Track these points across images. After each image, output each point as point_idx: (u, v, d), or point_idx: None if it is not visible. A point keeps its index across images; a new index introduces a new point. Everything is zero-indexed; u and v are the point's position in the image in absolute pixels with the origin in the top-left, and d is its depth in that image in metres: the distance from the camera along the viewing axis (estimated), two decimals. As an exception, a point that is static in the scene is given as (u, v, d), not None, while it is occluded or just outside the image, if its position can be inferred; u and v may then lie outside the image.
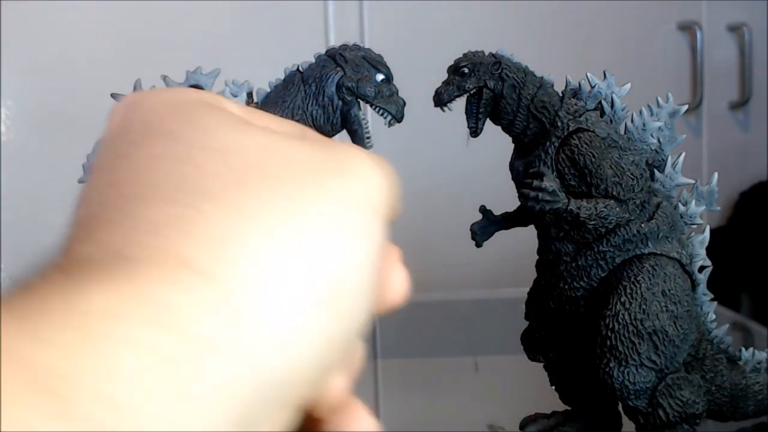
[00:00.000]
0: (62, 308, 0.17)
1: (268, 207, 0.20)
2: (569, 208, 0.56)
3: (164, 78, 0.58)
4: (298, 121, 0.58)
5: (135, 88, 0.58)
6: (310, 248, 0.20)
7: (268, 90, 0.59)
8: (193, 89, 0.24)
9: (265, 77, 0.60)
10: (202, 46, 1.31)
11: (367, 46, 0.60)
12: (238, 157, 0.21)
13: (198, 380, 0.17)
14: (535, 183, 0.56)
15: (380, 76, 0.58)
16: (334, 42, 1.38)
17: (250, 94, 0.60)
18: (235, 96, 0.58)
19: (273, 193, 0.20)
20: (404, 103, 0.59)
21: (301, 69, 0.59)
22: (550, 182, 0.56)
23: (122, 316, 0.17)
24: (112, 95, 0.59)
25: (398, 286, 0.24)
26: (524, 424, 0.64)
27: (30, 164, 1.31)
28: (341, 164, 0.22)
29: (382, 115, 0.59)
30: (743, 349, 0.64)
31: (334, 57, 0.58)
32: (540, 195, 0.56)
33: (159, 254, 0.18)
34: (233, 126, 0.22)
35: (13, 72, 1.30)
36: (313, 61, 0.59)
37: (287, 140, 0.22)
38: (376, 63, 0.59)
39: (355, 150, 0.23)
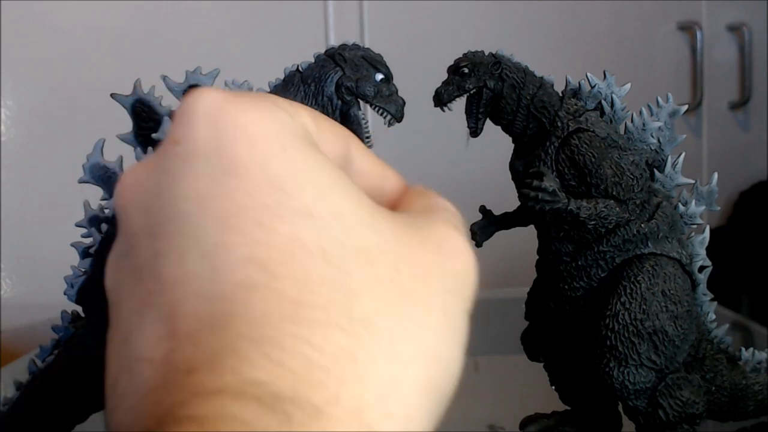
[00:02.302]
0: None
1: (409, 333, 0.18)
2: (569, 208, 0.56)
3: (164, 78, 0.58)
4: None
5: (135, 89, 0.58)
6: (433, 355, 0.19)
7: (268, 90, 0.59)
8: (274, 104, 0.20)
9: (265, 77, 0.60)
10: (202, 46, 1.31)
11: (366, 46, 0.60)
12: (381, 263, 0.19)
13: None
14: (535, 183, 0.56)
15: (380, 76, 0.58)
16: (334, 42, 1.38)
17: (250, 94, 0.60)
18: (235, 96, 0.58)
19: (404, 310, 0.19)
20: (404, 103, 0.59)
21: (300, 69, 0.59)
22: (550, 182, 0.56)
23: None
24: (112, 95, 0.59)
25: None
26: (524, 424, 0.64)
27: (30, 164, 1.31)
28: (453, 269, 0.21)
29: (381, 114, 0.59)
30: (743, 349, 0.64)
31: (334, 57, 0.58)
32: (540, 195, 0.56)
33: (342, 409, 0.17)
34: (367, 216, 0.19)
35: (13, 72, 1.30)
36: (313, 61, 0.59)
37: (409, 235, 0.20)
38: (375, 62, 0.59)
39: (448, 226, 0.22)
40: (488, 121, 0.62)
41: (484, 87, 0.60)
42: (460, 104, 0.61)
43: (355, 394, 0.17)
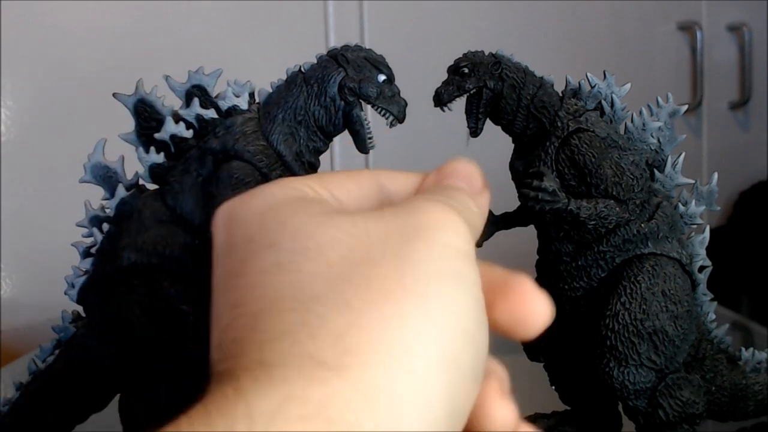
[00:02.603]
0: (233, 414, 0.20)
1: (370, 293, 0.22)
2: (569, 208, 0.57)
3: (166, 78, 0.58)
4: (300, 121, 0.59)
5: (137, 88, 0.58)
6: (419, 316, 0.22)
7: (270, 90, 0.59)
8: (279, 183, 0.26)
9: (266, 77, 0.60)
10: (204, 46, 1.31)
11: (367, 47, 0.60)
12: (332, 252, 0.23)
13: None
14: (535, 183, 0.56)
15: (382, 77, 0.58)
16: (335, 42, 1.38)
17: (252, 95, 0.60)
18: (238, 96, 0.58)
19: (370, 278, 0.22)
20: (406, 104, 0.59)
21: (303, 70, 0.59)
22: (550, 182, 0.56)
23: (281, 415, 0.20)
24: (115, 95, 0.59)
25: (541, 310, 0.25)
26: (524, 424, 0.64)
27: (30, 164, 1.31)
28: (418, 221, 0.24)
29: (383, 115, 0.59)
30: (743, 349, 0.64)
31: (336, 58, 0.58)
32: (540, 195, 0.56)
33: (294, 358, 0.21)
34: (319, 221, 0.24)
35: (13, 72, 1.30)
36: (315, 61, 0.59)
37: (366, 218, 0.24)
38: (377, 64, 0.59)
39: (427, 201, 0.25)
40: (488, 121, 0.62)
41: (484, 87, 0.60)
42: (460, 104, 0.61)
43: (305, 346, 0.21)
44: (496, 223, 0.63)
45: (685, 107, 0.62)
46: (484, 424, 0.25)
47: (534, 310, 0.25)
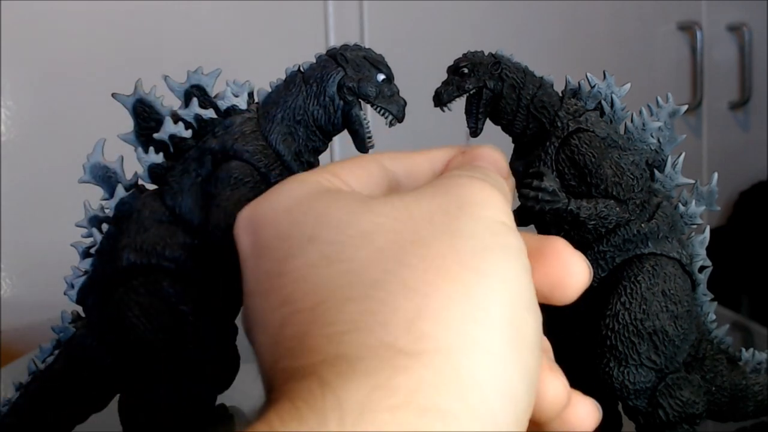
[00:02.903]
0: (322, 408, 0.19)
1: (430, 274, 0.22)
2: (569, 208, 0.57)
3: (165, 78, 0.58)
4: (299, 121, 0.59)
5: (136, 88, 0.58)
6: (481, 292, 0.22)
7: (269, 90, 0.59)
8: (293, 179, 0.26)
9: (266, 77, 0.60)
10: (203, 46, 1.31)
11: (367, 46, 0.60)
12: (377, 236, 0.23)
13: None
14: (535, 183, 0.56)
15: (381, 76, 0.58)
16: (334, 42, 1.38)
17: (251, 95, 0.60)
18: (237, 96, 0.58)
19: (426, 258, 0.22)
20: (405, 103, 0.59)
21: (302, 69, 0.59)
22: (550, 182, 0.56)
23: (371, 406, 0.19)
24: (113, 95, 0.59)
25: (579, 271, 0.26)
26: (524, 424, 0.65)
27: (30, 164, 1.31)
28: (458, 197, 0.24)
29: (383, 115, 0.59)
30: (743, 349, 0.64)
31: (335, 57, 0.58)
32: (540, 195, 0.56)
33: (372, 349, 0.21)
34: (356, 209, 0.24)
35: (13, 72, 1.30)
36: (314, 61, 0.59)
37: (404, 199, 0.24)
38: (377, 63, 0.59)
39: (463, 178, 0.26)
40: (487, 122, 0.62)
41: (484, 87, 0.60)
42: (459, 104, 0.61)
43: (379, 335, 0.21)
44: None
45: (685, 107, 0.62)
46: (537, 401, 0.25)
47: (571, 271, 0.26)
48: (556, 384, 0.26)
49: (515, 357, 0.22)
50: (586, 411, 0.28)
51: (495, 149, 0.30)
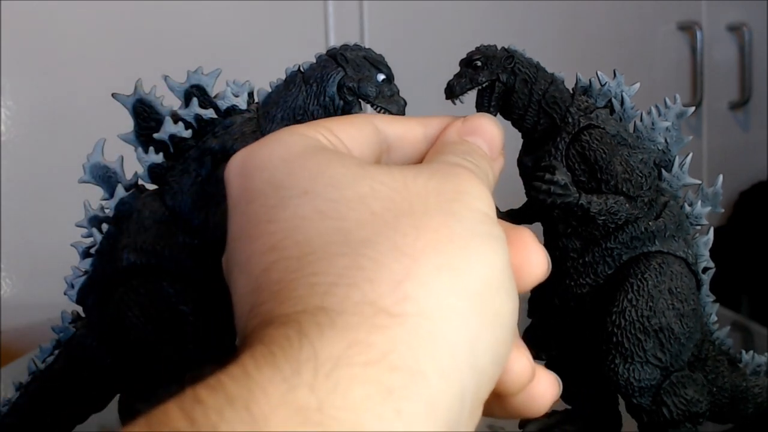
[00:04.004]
0: (297, 358, 0.20)
1: (421, 242, 0.23)
2: (580, 202, 0.57)
3: (165, 78, 0.58)
4: (299, 121, 0.58)
5: (136, 88, 0.58)
6: (466, 268, 0.23)
7: (269, 90, 0.59)
8: (290, 131, 0.27)
9: (266, 77, 0.60)
10: (203, 46, 1.31)
11: (367, 46, 0.60)
12: (373, 201, 0.24)
13: (410, 399, 0.20)
14: (547, 176, 0.56)
15: (381, 77, 0.58)
16: (334, 42, 1.38)
17: (251, 95, 0.60)
18: (237, 96, 0.58)
19: (419, 228, 0.23)
20: (405, 103, 0.59)
21: (302, 69, 0.59)
22: (562, 176, 0.56)
23: (346, 361, 0.20)
24: (114, 95, 0.59)
25: (538, 262, 0.27)
26: (524, 423, 0.64)
27: (30, 164, 1.31)
28: (454, 186, 0.25)
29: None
30: (743, 351, 0.64)
31: (336, 57, 0.58)
32: (552, 188, 0.56)
33: (355, 304, 0.21)
34: (355, 172, 0.25)
35: (13, 72, 1.30)
36: (314, 61, 0.59)
37: (404, 173, 0.25)
38: (377, 63, 0.59)
39: (458, 167, 0.27)
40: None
41: (497, 80, 0.59)
42: (465, 100, 0.61)
43: (364, 292, 0.21)
44: (502, 219, 0.63)
45: (692, 109, 0.63)
46: (503, 376, 0.26)
47: (531, 260, 0.27)
48: (522, 360, 0.28)
49: (489, 331, 0.23)
50: (547, 384, 0.30)
51: (493, 122, 0.31)
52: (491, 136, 0.30)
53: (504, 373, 0.26)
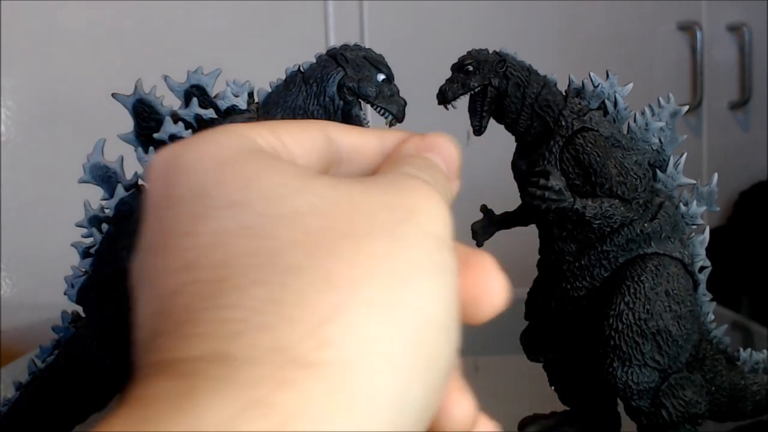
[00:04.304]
0: (177, 423, 0.17)
1: (357, 271, 0.20)
2: (575, 207, 0.57)
3: (165, 78, 0.58)
4: (298, 121, 0.58)
5: (136, 88, 0.58)
6: (404, 306, 0.20)
7: (269, 90, 0.59)
8: (226, 130, 0.23)
9: (266, 77, 0.60)
10: (203, 46, 1.31)
11: (367, 46, 0.60)
12: (311, 219, 0.21)
13: None
14: (542, 181, 0.56)
15: (381, 76, 0.58)
16: (334, 42, 1.38)
17: (251, 95, 0.60)
18: (237, 96, 0.58)
19: (356, 253, 0.20)
20: (405, 103, 0.59)
21: (302, 69, 0.59)
22: (556, 181, 0.56)
23: (234, 428, 0.17)
24: (114, 95, 0.59)
25: (498, 292, 0.24)
26: (523, 424, 0.64)
27: (30, 164, 1.31)
28: (409, 202, 0.22)
29: (383, 114, 0.59)
30: (741, 349, 0.64)
31: (336, 57, 0.58)
32: (546, 194, 0.56)
33: (265, 351, 0.18)
34: (294, 184, 0.22)
35: (13, 72, 1.30)
36: (314, 61, 0.59)
37: (351, 187, 0.22)
38: (377, 63, 0.59)
39: (415, 180, 0.24)
40: (490, 120, 0.61)
41: (489, 85, 0.59)
42: (461, 103, 0.61)
43: (279, 334, 0.18)
44: (496, 223, 0.63)
45: (686, 108, 0.62)
46: (442, 420, 0.23)
47: (492, 289, 0.24)
48: (464, 405, 0.24)
49: (422, 378, 0.20)
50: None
51: (451, 141, 0.28)
52: (449, 156, 0.27)
53: (444, 415, 0.23)
